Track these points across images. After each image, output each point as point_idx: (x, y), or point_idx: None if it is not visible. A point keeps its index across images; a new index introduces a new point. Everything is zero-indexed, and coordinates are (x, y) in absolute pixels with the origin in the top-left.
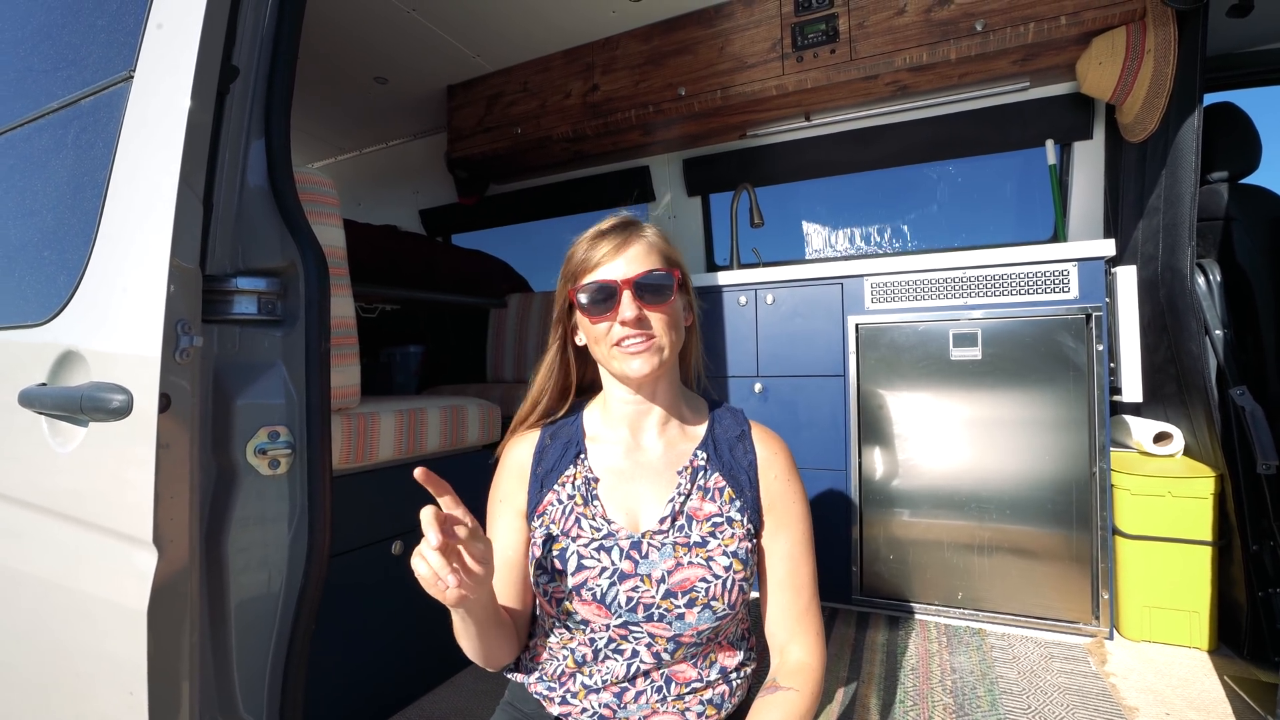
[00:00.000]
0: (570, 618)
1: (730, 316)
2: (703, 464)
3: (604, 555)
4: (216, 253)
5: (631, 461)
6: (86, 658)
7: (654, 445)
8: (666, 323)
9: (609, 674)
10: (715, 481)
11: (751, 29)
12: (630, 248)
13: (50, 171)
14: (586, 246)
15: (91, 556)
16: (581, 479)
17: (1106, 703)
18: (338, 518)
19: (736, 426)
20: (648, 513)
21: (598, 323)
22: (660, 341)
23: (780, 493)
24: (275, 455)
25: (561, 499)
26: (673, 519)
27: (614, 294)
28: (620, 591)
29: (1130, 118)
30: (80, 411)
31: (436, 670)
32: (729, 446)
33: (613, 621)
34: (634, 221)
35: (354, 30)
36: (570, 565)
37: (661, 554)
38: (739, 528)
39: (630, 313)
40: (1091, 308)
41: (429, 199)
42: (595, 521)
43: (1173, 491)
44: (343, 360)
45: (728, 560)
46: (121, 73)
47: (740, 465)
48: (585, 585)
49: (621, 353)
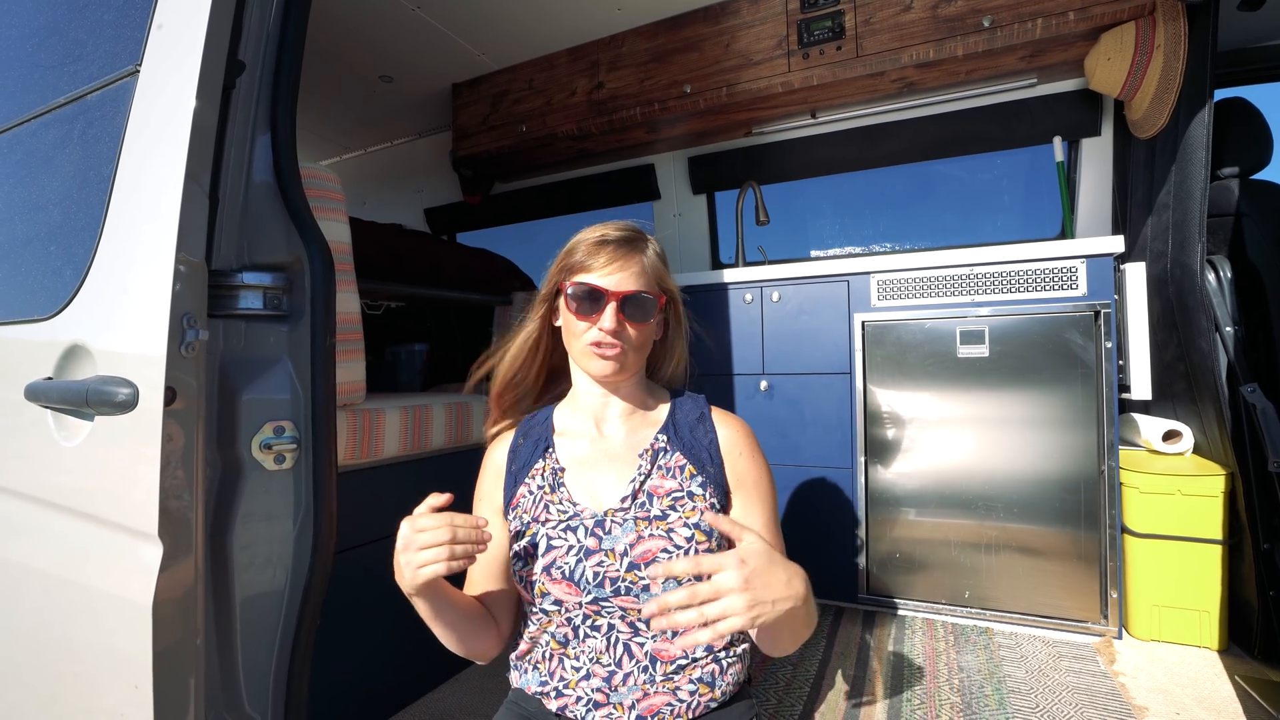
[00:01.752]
0: (545, 599)
1: (735, 314)
2: (663, 445)
3: (570, 534)
4: (222, 248)
5: (596, 450)
6: (93, 652)
7: (617, 433)
8: (639, 340)
9: (592, 651)
10: (676, 460)
11: (757, 25)
12: (630, 265)
13: (56, 166)
14: (589, 249)
15: (97, 551)
16: (549, 470)
17: (1116, 702)
18: (342, 514)
19: (696, 410)
20: (611, 493)
21: (580, 319)
22: (627, 354)
23: (746, 469)
24: (280, 450)
25: (532, 490)
26: (634, 496)
27: (601, 301)
28: (587, 567)
29: (1139, 114)
30: (86, 405)
31: (442, 667)
32: (689, 428)
33: (584, 599)
34: (639, 237)
35: (359, 29)
36: (541, 547)
37: (624, 529)
38: (700, 501)
39: (610, 324)
40: (1100, 305)
41: (434, 198)
42: (562, 505)
43: (1182, 490)
44: (348, 356)
45: (689, 531)
46: (127, 68)
47: (701, 444)
48: (555, 564)
49: (591, 351)
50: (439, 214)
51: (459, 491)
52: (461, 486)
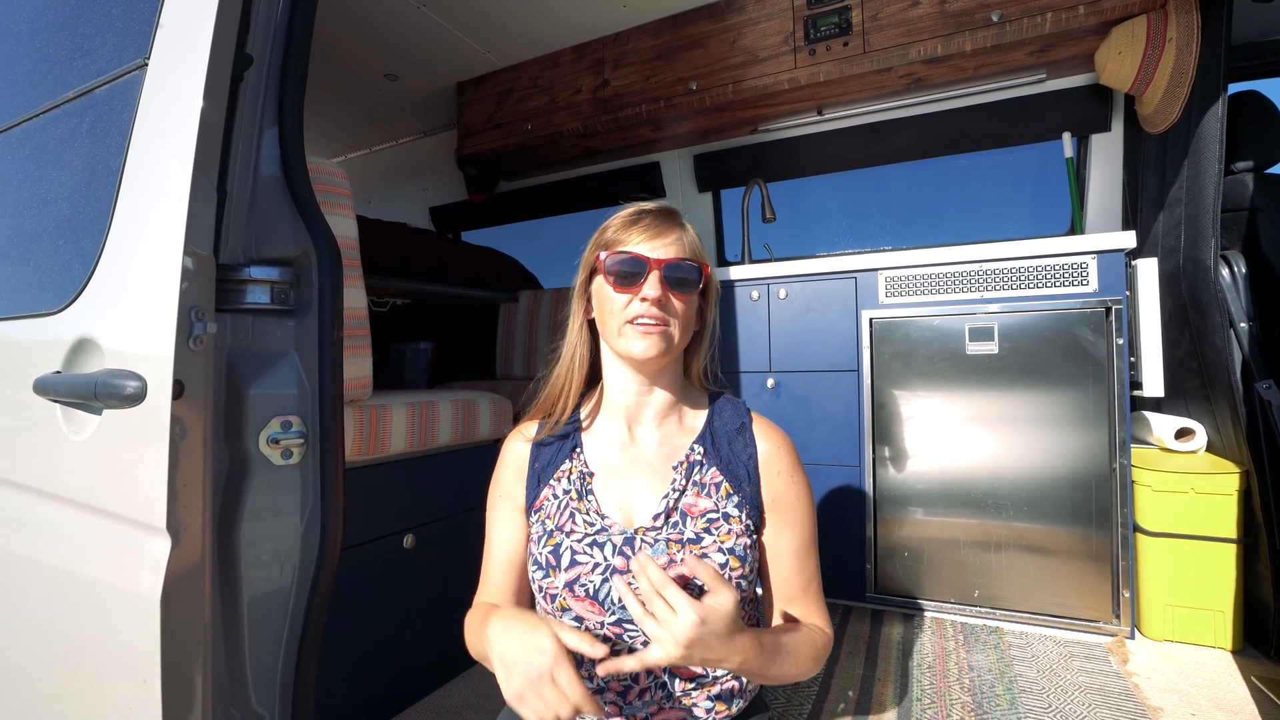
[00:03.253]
0: (565, 615)
1: (743, 311)
2: (699, 458)
3: (596, 551)
4: (230, 242)
5: (626, 456)
6: (101, 646)
7: (650, 439)
8: (683, 314)
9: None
10: (712, 476)
11: (763, 22)
12: (669, 235)
13: (65, 160)
14: (626, 221)
15: (105, 545)
16: (577, 474)
17: (1130, 702)
18: (349, 511)
19: (737, 419)
20: (642, 508)
21: (620, 293)
22: (671, 331)
23: (783, 490)
24: (288, 445)
25: (557, 494)
26: (666, 515)
27: (643, 270)
28: (612, 588)
29: (1150, 109)
30: (94, 399)
31: (448, 665)
32: (728, 440)
33: (606, 619)
34: (676, 212)
35: (365, 27)
36: (564, 560)
37: (654, 550)
38: (736, 524)
39: (654, 291)
40: (1111, 301)
41: (439, 196)
42: (589, 517)
43: (1196, 488)
44: (355, 351)
45: (724, 557)
46: (135, 61)
47: (739, 459)
48: (578, 581)
49: (632, 329)
50: (444, 213)
51: (467, 487)
52: (468, 484)
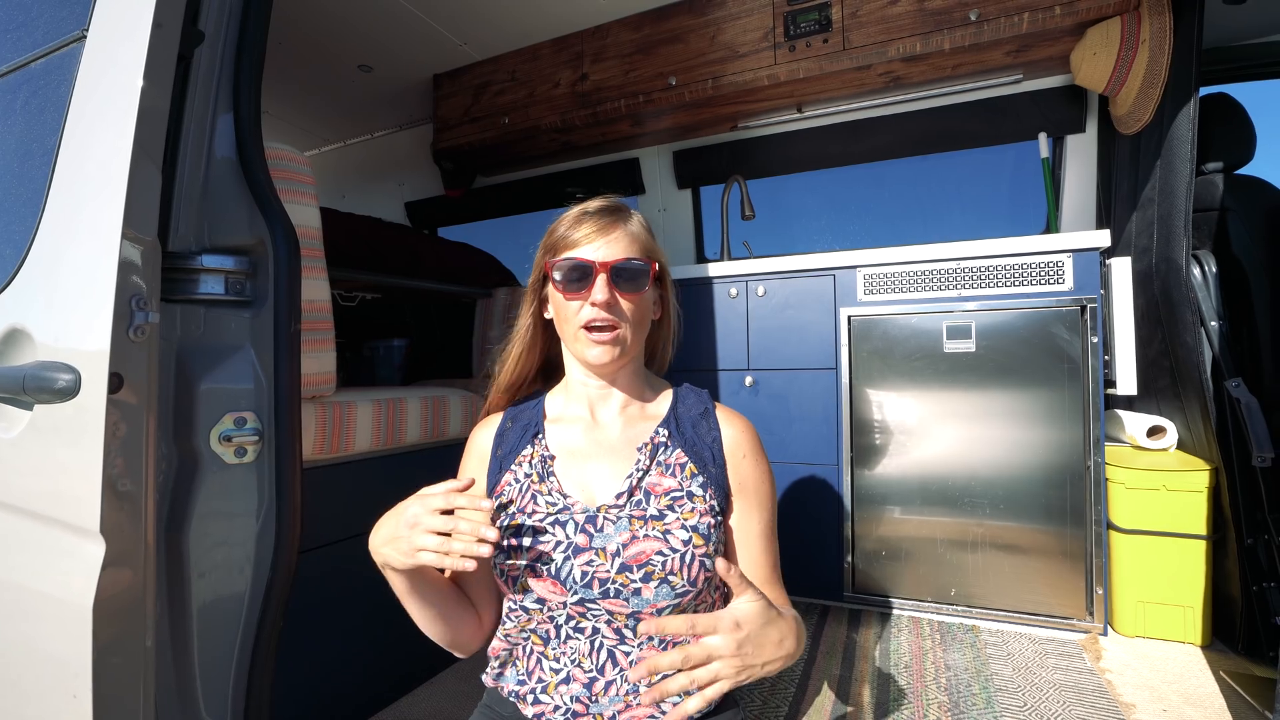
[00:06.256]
0: (527, 596)
1: (721, 309)
2: (664, 440)
3: (559, 529)
4: (180, 229)
5: (590, 440)
6: (30, 660)
7: (613, 424)
8: (635, 313)
9: (574, 653)
10: (677, 457)
11: (744, 17)
12: (613, 233)
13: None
14: (570, 223)
15: (34, 549)
16: (538, 457)
17: (1103, 699)
18: (311, 511)
19: (700, 404)
20: (605, 488)
21: (570, 299)
22: (624, 333)
23: (749, 473)
24: (241, 443)
25: (519, 478)
26: (629, 493)
27: (590, 274)
28: (575, 566)
29: (1124, 109)
30: (23, 393)
31: (415, 672)
32: (691, 424)
33: (569, 599)
34: (621, 208)
35: (337, 16)
36: (525, 540)
37: (617, 527)
38: (700, 503)
39: (602, 295)
40: (1086, 299)
41: (414, 191)
42: (551, 497)
43: (1167, 485)
44: (316, 345)
45: (686, 534)
46: (74, 33)
47: (704, 442)
48: (540, 560)
49: (586, 337)
50: (420, 208)
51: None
52: (437, 481)
